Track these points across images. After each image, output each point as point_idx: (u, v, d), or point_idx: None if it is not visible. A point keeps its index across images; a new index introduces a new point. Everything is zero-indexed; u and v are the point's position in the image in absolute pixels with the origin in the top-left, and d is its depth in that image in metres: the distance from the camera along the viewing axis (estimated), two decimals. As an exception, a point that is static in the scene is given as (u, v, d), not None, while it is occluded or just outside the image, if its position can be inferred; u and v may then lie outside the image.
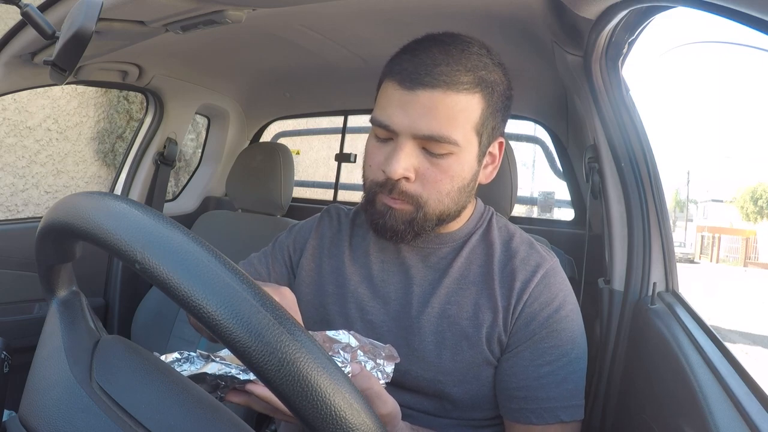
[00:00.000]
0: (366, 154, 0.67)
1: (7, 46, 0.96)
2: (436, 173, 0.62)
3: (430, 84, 0.59)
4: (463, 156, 0.62)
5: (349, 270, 0.73)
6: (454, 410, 0.67)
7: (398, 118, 0.60)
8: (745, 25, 0.41)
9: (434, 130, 0.59)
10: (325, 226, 0.80)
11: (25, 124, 3.09)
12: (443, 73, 0.59)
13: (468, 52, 0.61)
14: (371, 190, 0.65)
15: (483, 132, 0.63)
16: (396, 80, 0.61)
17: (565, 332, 0.65)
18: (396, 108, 0.61)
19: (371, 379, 0.50)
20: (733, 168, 41.80)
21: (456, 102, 0.59)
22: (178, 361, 0.50)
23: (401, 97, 0.60)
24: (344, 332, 0.55)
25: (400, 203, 0.63)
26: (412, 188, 0.62)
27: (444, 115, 0.59)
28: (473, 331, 0.65)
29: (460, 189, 0.64)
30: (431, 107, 0.59)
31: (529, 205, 3.57)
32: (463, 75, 0.60)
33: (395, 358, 0.55)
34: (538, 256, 0.68)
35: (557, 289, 0.66)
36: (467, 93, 0.60)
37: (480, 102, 0.61)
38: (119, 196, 0.33)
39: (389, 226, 0.64)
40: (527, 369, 0.64)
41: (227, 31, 0.90)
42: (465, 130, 0.61)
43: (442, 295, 0.67)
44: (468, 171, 0.64)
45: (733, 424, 0.48)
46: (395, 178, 0.61)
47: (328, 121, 3.67)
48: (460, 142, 0.61)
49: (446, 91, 0.59)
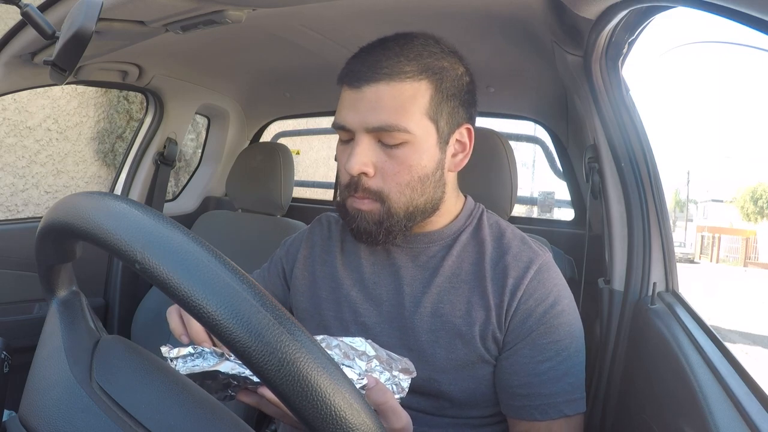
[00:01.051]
0: (337, 160, 0.69)
1: (7, 46, 0.96)
2: (393, 165, 0.63)
3: (374, 78, 0.62)
4: (419, 144, 0.63)
5: (342, 274, 0.74)
6: (451, 408, 0.67)
7: (350, 116, 0.63)
8: (745, 25, 0.41)
9: (383, 120, 0.61)
10: (316, 235, 0.81)
11: (25, 124, 3.09)
12: (384, 66, 0.62)
13: (410, 44, 0.64)
14: (342, 194, 0.68)
15: (438, 118, 0.64)
16: (346, 83, 0.65)
17: (563, 327, 0.65)
18: (348, 108, 0.64)
19: (387, 393, 0.50)
20: (733, 168, 41.80)
21: (401, 91, 0.62)
22: (191, 355, 0.50)
23: (351, 96, 0.64)
24: (361, 339, 0.54)
25: (367, 203, 0.65)
26: (373, 183, 0.64)
27: (391, 106, 0.61)
28: (466, 329, 0.65)
29: (422, 179, 0.65)
30: (377, 100, 0.62)
31: (529, 205, 3.57)
32: (405, 65, 0.62)
33: (411, 372, 0.54)
34: (530, 251, 0.68)
35: (552, 284, 0.66)
36: (412, 80, 0.62)
37: (428, 87, 0.63)
38: (119, 196, 0.33)
39: (362, 229, 0.66)
40: (527, 366, 0.64)
41: (227, 31, 0.90)
42: (416, 117, 0.62)
43: (434, 294, 0.67)
44: (428, 159, 0.64)
45: (733, 424, 0.48)
46: (354, 173, 0.63)
47: (328, 121, 3.67)
48: (412, 129, 0.62)
49: (389, 82, 0.61)
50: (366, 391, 0.49)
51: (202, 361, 0.49)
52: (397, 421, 0.51)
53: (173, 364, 0.50)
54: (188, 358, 0.50)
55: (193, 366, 0.49)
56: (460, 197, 0.74)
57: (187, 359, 0.50)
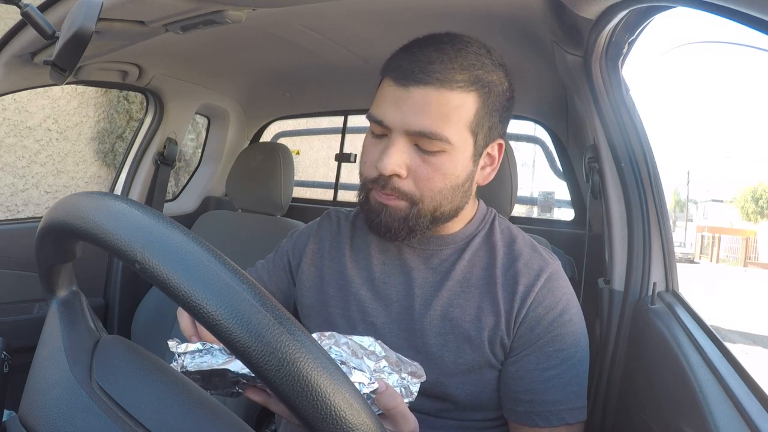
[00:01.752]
0: (363, 151, 0.67)
1: (7, 46, 0.96)
2: (428, 171, 0.62)
3: (423, 81, 0.59)
4: (456, 155, 0.62)
5: (351, 272, 0.73)
6: (455, 411, 0.67)
7: (391, 113, 0.61)
8: (745, 25, 0.41)
9: (426, 126, 0.60)
10: (324, 230, 0.80)
11: (25, 124, 3.09)
12: (437, 71, 0.59)
13: (465, 51, 0.61)
14: (365, 186, 0.66)
15: (478, 132, 0.63)
16: (392, 77, 0.62)
17: (569, 336, 0.65)
18: (390, 104, 0.62)
19: (397, 398, 0.50)
20: (733, 168, 41.78)
21: (449, 100, 0.60)
22: (199, 352, 0.50)
23: (395, 93, 0.61)
24: (370, 339, 0.53)
25: (394, 200, 0.64)
26: (405, 185, 0.63)
27: (436, 113, 0.60)
28: (476, 334, 0.65)
29: (454, 188, 0.64)
30: (424, 104, 0.60)
31: (529, 205, 3.57)
32: (458, 73, 0.60)
33: (421, 376, 0.54)
34: (540, 259, 0.68)
35: (561, 293, 0.66)
36: (461, 91, 0.60)
37: (475, 101, 0.61)
38: (119, 196, 0.33)
39: (384, 224, 0.65)
40: (533, 373, 0.64)
41: (227, 31, 0.90)
42: (458, 128, 0.61)
43: (445, 297, 0.67)
44: (462, 170, 0.64)
45: (733, 424, 0.48)
46: (386, 173, 0.61)
47: (328, 121, 3.67)
48: (453, 140, 0.61)
49: (439, 88, 0.59)
50: (376, 395, 0.48)
51: (211, 357, 0.49)
52: (406, 426, 0.51)
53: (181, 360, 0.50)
54: (196, 354, 0.50)
55: (201, 362, 0.49)
56: (474, 202, 0.74)
57: (195, 355, 0.49)
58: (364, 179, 0.66)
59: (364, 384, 0.48)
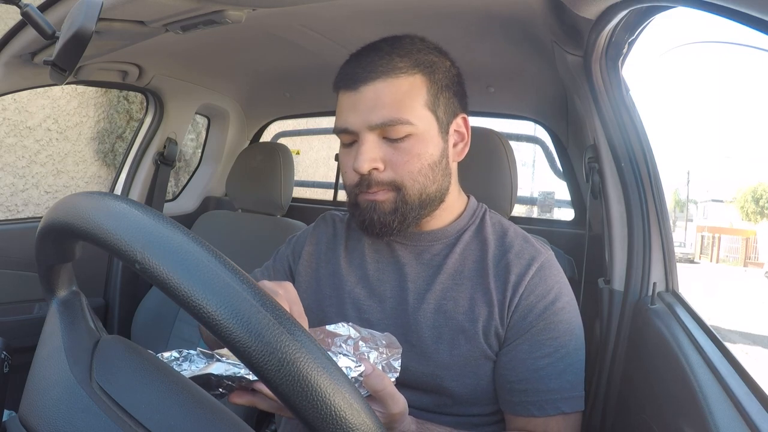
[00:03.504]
0: (340, 164, 0.70)
1: (7, 46, 0.96)
2: (401, 156, 0.65)
3: (370, 78, 0.64)
4: (422, 135, 0.65)
5: (346, 272, 0.75)
6: (452, 406, 0.67)
7: (352, 118, 0.65)
8: (745, 25, 0.41)
9: (385, 116, 0.63)
10: (320, 233, 0.81)
11: (25, 124, 3.09)
12: (378, 65, 0.64)
13: (399, 43, 0.66)
14: (352, 193, 0.69)
15: (436, 108, 0.66)
16: (342, 87, 0.67)
17: (562, 324, 0.65)
18: (349, 110, 0.65)
19: (384, 379, 0.51)
20: (733, 168, 41.76)
21: (398, 86, 0.64)
22: (176, 360, 0.49)
23: (350, 99, 0.65)
24: (343, 324, 0.55)
25: (382, 193, 0.66)
26: (385, 176, 0.65)
27: (390, 101, 0.63)
28: (469, 325, 0.66)
29: (431, 166, 0.66)
30: (376, 98, 0.63)
31: (529, 205, 3.57)
32: (398, 61, 0.64)
33: (397, 346, 0.55)
34: (532, 249, 0.69)
35: (553, 281, 0.67)
36: (406, 75, 0.64)
37: (423, 81, 0.65)
38: (119, 196, 0.33)
39: (376, 220, 0.66)
40: (526, 362, 0.64)
41: (227, 31, 0.90)
42: (415, 110, 0.64)
43: (438, 290, 0.68)
44: (433, 148, 0.66)
45: (733, 424, 0.48)
46: (364, 171, 0.64)
47: (328, 121, 3.67)
48: (414, 121, 0.64)
49: (386, 79, 0.64)
50: (363, 377, 0.49)
51: (189, 364, 0.48)
52: (395, 406, 0.51)
53: None
54: (173, 363, 0.48)
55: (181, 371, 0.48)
56: (462, 196, 0.76)
57: (173, 364, 0.48)
58: (348, 188, 0.69)
59: (350, 368, 0.48)
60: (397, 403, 0.51)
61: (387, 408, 0.51)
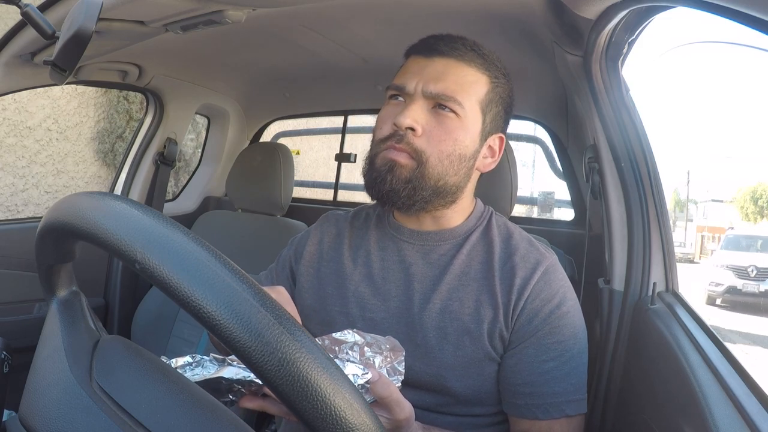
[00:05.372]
0: (379, 119, 0.71)
1: (7, 46, 0.96)
2: (441, 132, 0.66)
3: (446, 53, 0.67)
4: (467, 124, 0.67)
5: (350, 270, 0.74)
6: (455, 406, 0.67)
7: (414, 79, 0.67)
8: (745, 25, 0.41)
9: (444, 89, 0.66)
10: (322, 232, 0.81)
11: (25, 124, 3.09)
12: (459, 48, 0.68)
13: (481, 47, 0.70)
14: (376, 147, 0.69)
15: (487, 113, 0.69)
16: (415, 52, 0.70)
17: (567, 328, 0.66)
18: (413, 73, 0.68)
19: (390, 386, 0.51)
20: (733, 168, 41.73)
21: (467, 73, 0.68)
22: (189, 365, 0.50)
23: (419, 63, 0.69)
24: (349, 331, 0.55)
25: (405, 156, 0.66)
26: (418, 142, 0.66)
27: (454, 80, 0.66)
28: (475, 326, 0.66)
29: (460, 157, 0.67)
30: (444, 72, 0.67)
31: (529, 205, 3.57)
32: (476, 57, 0.68)
33: (400, 349, 0.55)
34: (537, 253, 0.69)
35: (558, 285, 0.67)
36: (477, 70, 0.68)
37: (487, 83, 0.69)
38: (119, 196, 0.33)
39: (387, 184, 0.66)
40: (532, 365, 0.64)
41: (227, 31, 0.90)
42: (471, 100, 0.67)
43: (444, 291, 0.68)
44: (470, 142, 0.68)
45: (733, 424, 0.48)
46: (403, 126, 0.65)
47: (328, 121, 3.67)
48: (466, 107, 0.67)
49: (459, 61, 0.67)
50: (370, 384, 0.49)
51: (202, 369, 0.49)
52: (401, 412, 0.51)
53: None
54: (187, 367, 0.50)
55: (193, 375, 0.49)
56: (472, 199, 0.77)
57: (186, 369, 0.50)
58: (376, 140, 0.70)
59: (358, 375, 0.49)
60: (403, 409, 0.52)
61: (393, 414, 0.51)
